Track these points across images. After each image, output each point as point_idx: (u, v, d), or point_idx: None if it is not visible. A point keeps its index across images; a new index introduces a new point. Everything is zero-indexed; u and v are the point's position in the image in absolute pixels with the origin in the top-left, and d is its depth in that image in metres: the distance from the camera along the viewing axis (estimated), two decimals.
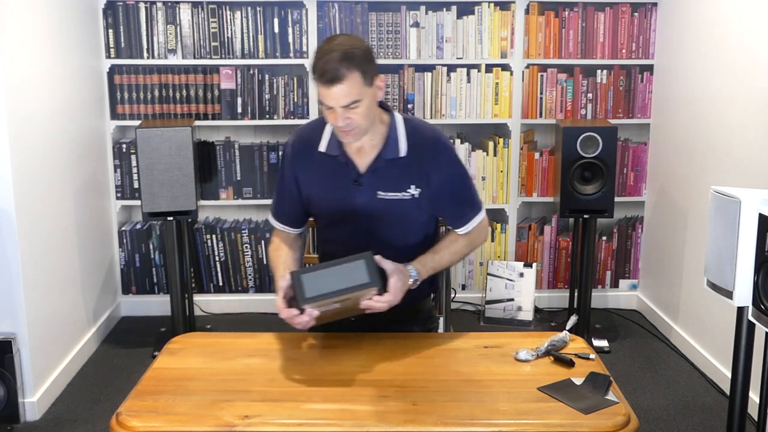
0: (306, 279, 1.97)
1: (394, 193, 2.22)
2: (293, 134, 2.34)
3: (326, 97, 2.06)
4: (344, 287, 1.96)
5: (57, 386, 3.53)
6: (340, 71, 2.01)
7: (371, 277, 1.97)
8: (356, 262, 1.98)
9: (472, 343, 2.19)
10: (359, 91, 2.05)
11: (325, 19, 4.27)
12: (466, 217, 2.30)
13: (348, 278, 1.96)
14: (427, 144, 2.23)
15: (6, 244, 3.18)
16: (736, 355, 2.33)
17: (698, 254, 3.80)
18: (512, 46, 4.33)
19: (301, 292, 1.96)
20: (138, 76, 4.27)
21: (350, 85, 2.03)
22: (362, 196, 2.22)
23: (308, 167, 2.27)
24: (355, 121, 2.09)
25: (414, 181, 2.22)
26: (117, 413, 1.83)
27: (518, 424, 1.79)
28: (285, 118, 4.35)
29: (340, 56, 2.01)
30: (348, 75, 2.02)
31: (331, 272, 1.97)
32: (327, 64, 2.02)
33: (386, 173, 2.21)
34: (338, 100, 2.04)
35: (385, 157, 2.20)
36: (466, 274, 4.58)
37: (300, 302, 1.96)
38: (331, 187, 2.25)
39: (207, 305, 4.49)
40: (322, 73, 2.02)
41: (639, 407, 3.37)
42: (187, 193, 3.75)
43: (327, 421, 1.79)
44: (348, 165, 2.22)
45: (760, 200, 2.17)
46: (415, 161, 2.22)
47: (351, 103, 2.05)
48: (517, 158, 4.43)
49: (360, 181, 2.22)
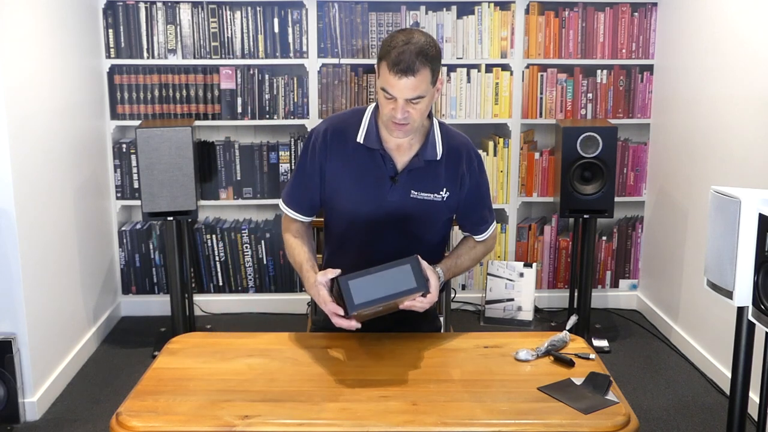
0: (354, 285, 1.95)
1: (426, 194, 2.23)
2: (325, 122, 2.29)
3: (393, 87, 2.05)
4: (392, 293, 1.96)
5: (57, 386, 3.53)
6: (416, 65, 2.02)
7: (418, 282, 1.98)
8: (403, 266, 1.98)
9: (472, 343, 2.19)
10: (426, 87, 2.07)
11: (325, 19, 4.27)
12: (486, 225, 2.36)
13: (395, 283, 1.96)
14: (461, 150, 2.27)
15: (6, 244, 3.18)
16: (736, 355, 2.33)
17: (698, 254, 3.80)
18: (512, 46, 4.33)
19: (349, 299, 1.94)
20: (138, 76, 4.27)
21: (420, 80, 2.04)
22: (395, 193, 2.21)
23: (340, 157, 2.23)
24: (412, 116, 2.09)
25: (446, 184, 2.24)
26: (117, 413, 1.83)
27: (518, 424, 1.78)
28: (285, 118, 4.35)
29: (417, 50, 2.02)
30: (421, 70, 2.03)
31: (379, 278, 1.96)
32: (403, 55, 2.01)
33: (422, 174, 2.22)
34: (405, 92, 2.04)
35: (423, 157, 2.21)
36: (466, 274, 4.58)
37: (350, 309, 1.94)
38: (364, 181, 2.22)
39: (207, 305, 4.50)
40: (396, 63, 2.02)
41: (639, 407, 3.37)
42: (187, 193, 3.75)
43: (327, 421, 1.79)
44: (386, 160, 2.21)
45: (760, 200, 2.17)
46: (449, 165, 2.24)
47: (416, 97, 2.06)
48: (517, 158, 4.43)
49: (397, 179, 2.21)
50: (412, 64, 2.01)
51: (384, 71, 2.06)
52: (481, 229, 2.35)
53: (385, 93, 2.07)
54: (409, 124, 2.10)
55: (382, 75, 2.07)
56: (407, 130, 2.12)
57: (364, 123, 2.22)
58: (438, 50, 2.10)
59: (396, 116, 2.08)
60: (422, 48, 2.04)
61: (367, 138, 2.20)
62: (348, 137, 2.22)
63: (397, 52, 2.02)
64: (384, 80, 2.06)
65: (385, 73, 2.06)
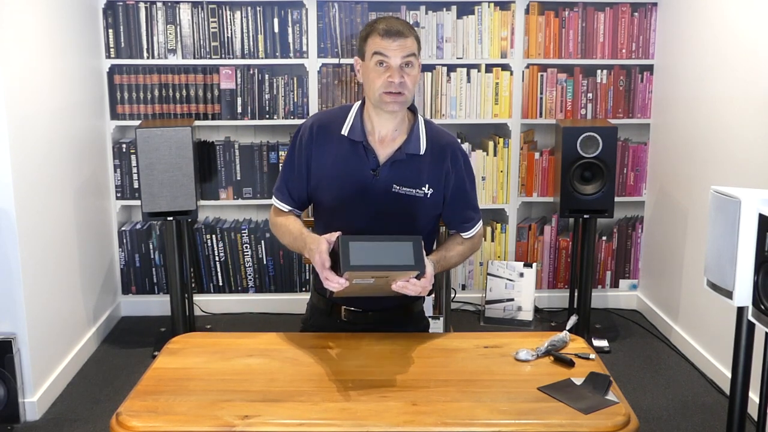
0: (354, 246, 1.94)
1: (408, 189, 2.24)
2: (312, 117, 2.35)
3: (388, 49, 2.15)
4: (389, 264, 1.96)
5: (57, 386, 3.53)
6: (405, 29, 2.17)
7: (416, 260, 1.98)
8: (405, 243, 1.99)
9: (472, 343, 2.19)
10: (416, 52, 2.19)
11: (325, 19, 4.27)
12: (472, 222, 2.37)
13: (394, 256, 1.97)
14: (447, 148, 2.29)
15: (6, 244, 3.18)
16: (736, 355, 2.33)
17: (698, 254, 3.80)
18: (512, 46, 4.33)
19: (346, 258, 1.93)
20: (138, 76, 4.27)
21: (410, 42, 2.17)
22: (377, 187, 2.23)
23: (326, 150, 2.27)
24: (406, 84, 2.16)
25: (430, 180, 2.26)
26: (117, 413, 1.83)
27: (518, 424, 1.78)
28: (285, 118, 4.35)
29: (402, 21, 2.21)
30: (410, 36, 2.18)
31: (379, 246, 1.97)
32: (391, 23, 2.17)
33: (404, 168, 2.24)
34: (400, 51, 2.15)
35: (405, 151, 2.23)
36: (466, 274, 4.58)
37: (343, 268, 1.93)
38: (346, 173, 2.24)
39: (207, 305, 4.50)
40: (387, 29, 2.15)
41: (639, 407, 3.37)
42: (187, 193, 3.75)
43: (327, 420, 1.79)
44: (368, 153, 2.23)
45: (760, 200, 2.17)
46: (434, 162, 2.26)
47: (410, 55, 2.16)
48: (517, 158, 4.43)
49: (378, 171, 2.23)
50: (402, 28, 2.16)
51: (375, 41, 2.17)
52: (466, 226, 2.36)
53: (380, 58, 2.16)
54: (404, 93, 2.17)
55: (373, 44, 2.17)
56: (402, 100, 2.18)
57: (350, 117, 2.27)
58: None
59: (394, 80, 2.14)
60: (403, 21, 2.22)
61: (351, 131, 2.25)
62: (333, 131, 2.27)
63: (385, 22, 2.18)
64: (377, 46, 2.16)
65: (376, 41, 2.16)
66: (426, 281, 2.03)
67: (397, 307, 2.31)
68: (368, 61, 2.18)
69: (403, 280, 2.00)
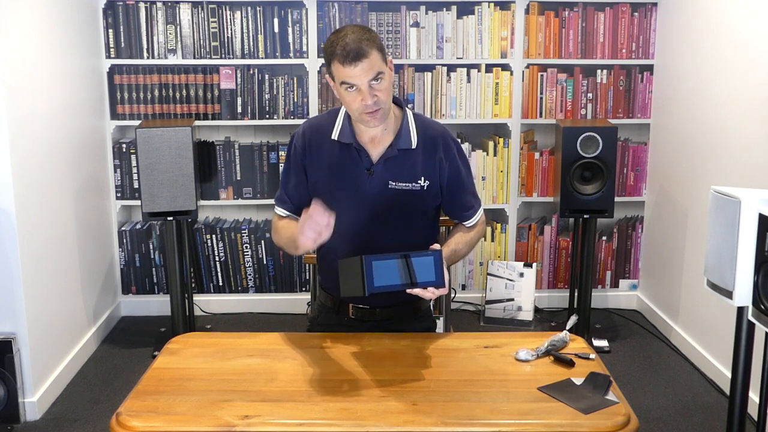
0: (377, 266, 1.95)
1: (404, 184, 2.25)
2: (303, 124, 2.37)
3: (352, 76, 2.10)
4: (411, 281, 1.98)
5: (57, 386, 3.53)
6: (363, 48, 2.09)
7: (437, 276, 2.00)
8: (426, 258, 2.00)
9: (472, 343, 2.19)
10: (380, 65, 2.12)
11: (325, 19, 4.27)
12: (473, 209, 2.38)
13: (417, 273, 1.98)
14: (438, 138, 2.30)
15: (6, 244, 3.18)
16: (736, 355, 2.33)
17: (698, 254, 3.80)
18: (512, 46, 4.33)
19: (370, 279, 1.94)
20: (138, 76, 4.27)
21: (373, 60, 2.10)
22: (373, 184, 2.25)
23: (319, 156, 2.29)
24: (381, 99, 2.14)
25: (424, 173, 2.27)
26: (117, 413, 1.83)
27: (518, 424, 1.78)
28: (285, 118, 4.35)
29: (357, 38, 2.10)
30: (370, 51, 2.10)
31: (401, 264, 1.98)
32: (349, 45, 2.09)
33: (398, 163, 2.25)
34: (365, 74, 2.10)
35: (397, 147, 2.24)
36: (466, 274, 4.58)
37: (368, 289, 1.94)
38: (342, 175, 2.27)
39: (207, 305, 4.50)
40: (346, 54, 2.08)
41: (639, 407, 3.37)
42: (187, 193, 3.75)
43: (327, 421, 1.79)
44: (361, 153, 2.25)
45: (760, 200, 2.17)
46: (426, 154, 2.27)
47: (377, 75, 2.11)
48: (517, 158, 4.43)
49: (372, 170, 2.24)
50: (360, 49, 2.08)
51: (338, 69, 2.12)
52: (468, 214, 2.37)
53: (347, 86, 2.12)
54: (381, 108, 2.15)
55: (338, 73, 2.13)
56: (380, 115, 2.16)
57: (339, 121, 2.29)
58: (373, 32, 2.17)
59: (367, 103, 2.12)
60: (359, 35, 2.11)
61: (341, 134, 2.26)
62: (324, 136, 2.29)
63: (341, 46, 2.10)
64: (342, 75, 2.12)
65: (339, 70, 2.11)
66: (444, 289, 2.05)
67: (404, 303, 2.32)
68: (338, 85, 2.16)
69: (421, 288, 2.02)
